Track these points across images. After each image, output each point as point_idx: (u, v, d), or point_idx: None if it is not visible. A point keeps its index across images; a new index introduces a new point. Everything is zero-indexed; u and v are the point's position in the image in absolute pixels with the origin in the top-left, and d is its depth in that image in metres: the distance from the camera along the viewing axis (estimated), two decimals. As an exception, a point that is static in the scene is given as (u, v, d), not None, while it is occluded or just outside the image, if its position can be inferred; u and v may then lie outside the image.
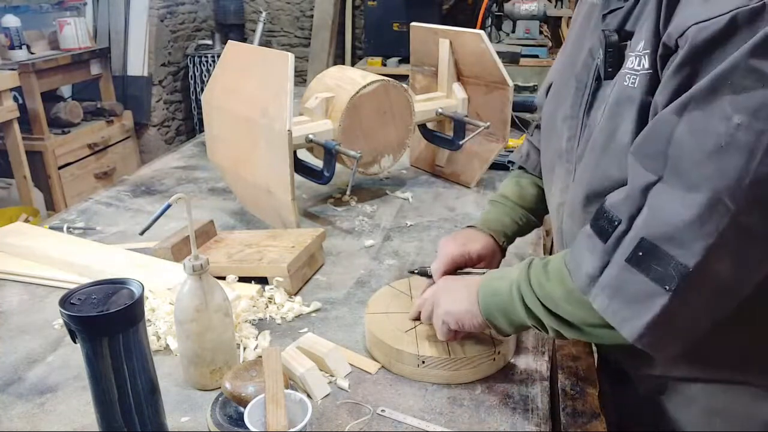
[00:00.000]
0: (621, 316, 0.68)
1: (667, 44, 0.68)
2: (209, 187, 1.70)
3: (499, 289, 0.83)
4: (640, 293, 0.66)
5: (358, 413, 0.84)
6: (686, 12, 0.66)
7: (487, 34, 1.58)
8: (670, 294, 0.64)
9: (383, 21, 4.06)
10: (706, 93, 0.62)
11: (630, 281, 0.66)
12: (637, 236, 0.66)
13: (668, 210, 0.64)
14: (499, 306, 0.83)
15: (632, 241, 0.66)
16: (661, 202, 0.65)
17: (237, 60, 1.41)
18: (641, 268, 0.65)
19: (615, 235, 0.68)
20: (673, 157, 0.64)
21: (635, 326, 0.67)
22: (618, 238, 0.68)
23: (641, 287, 0.66)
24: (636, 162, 0.68)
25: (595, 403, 0.87)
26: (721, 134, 0.61)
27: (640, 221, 0.66)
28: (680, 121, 0.64)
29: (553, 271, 0.77)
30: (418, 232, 1.42)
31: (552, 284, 0.76)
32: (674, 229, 0.63)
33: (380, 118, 1.53)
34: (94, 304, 0.69)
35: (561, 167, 0.91)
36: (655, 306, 0.65)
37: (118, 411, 0.71)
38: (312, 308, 1.09)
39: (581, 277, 0.72)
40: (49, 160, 3.22)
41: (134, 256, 1.20)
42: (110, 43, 3.95)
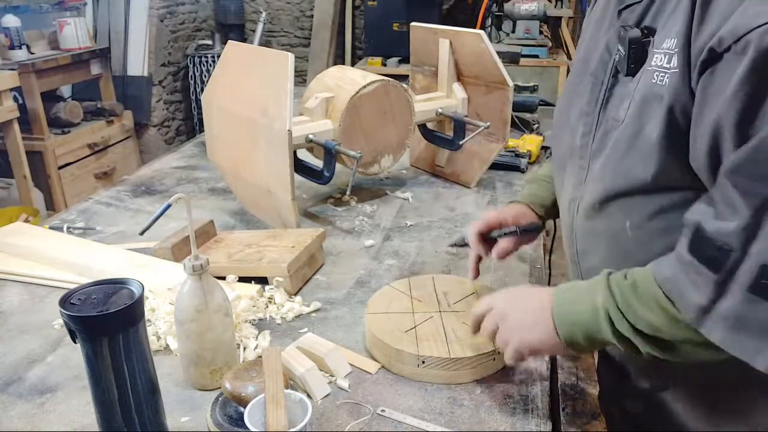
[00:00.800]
0: (751, 348, 0.65)
1: (715, 49, 0.65)
2: (209, 187, 1.70)
3: (580, 314, 0.77)
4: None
5: (358, 413, 0.84)
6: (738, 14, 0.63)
7: (487, 34, 1.58)
8: None
9: (383, 21, 4.06)
10: None
11: (757, 311, 0.63)
12: (757, 264, 0.62)
13: None
14: (584, 332, 0.77)
15: (752, 270, 0.63)
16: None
17: (237, 60, 1.41)
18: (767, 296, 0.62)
19: (729, 264, 0.64)
20: None
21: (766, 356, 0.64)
22: (733, 267, 0.64)
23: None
24: (737, 185, 0.64)
25: (595, 403, 0.87)
26: None
27: (758, 248, 0.62)
28: None
29: (647, 297, 0.72)
30: (418, 232, 1.42)
31: (648, 311, 0.72)
32: None
33: (380, 118, 1.53)
34: (94, 304, 0.69)
35: (574, 164, 0.90)
36: None
37: (118, 411, 0.71)
38: (312, 308, 1.09)
39: (689, 309, 0.68)
40: (49, 160, 3.22)
41: (134, 256, 1.20)
42: (110, 43, 3.95)
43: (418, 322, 0.98)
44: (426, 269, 1.24)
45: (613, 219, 0.83)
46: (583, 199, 0.88)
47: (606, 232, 0.86)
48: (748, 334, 0.64)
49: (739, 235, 0.63)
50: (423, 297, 1.05)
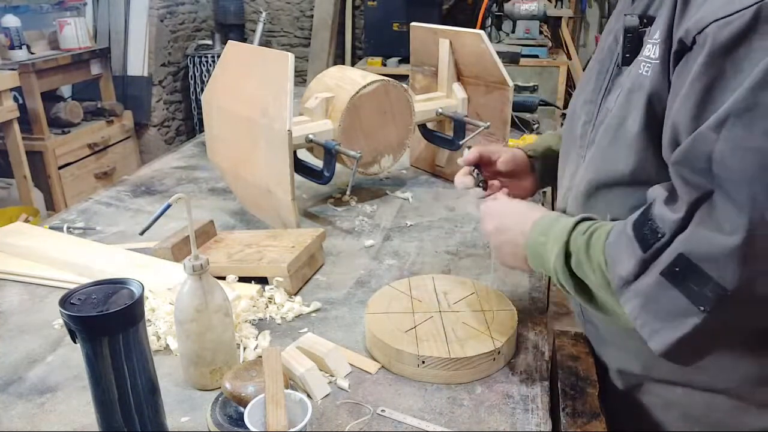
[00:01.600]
0: (651, 328, 0.68)
1: (684, 40, 0.65)
2: (209, 187, 1.70)
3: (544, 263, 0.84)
4: (673, 309, 0.65)
5: (358, 413, 0.84)
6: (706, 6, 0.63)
7: (487, 34, 1.58)
8: (704, 315, 0.63)
9: (383, 21, 4.06)
10: (745, 107, 0.59)
11: (664, 295, 0.66)
12: (675, 251, 0.64)
13: (710, 229, 0.61)
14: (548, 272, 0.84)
15: (670, 256, 0.65)
16: (706, 220, 0.62)
17: (237, 60, 1.41)
18: (676, 284, 0.64)
19: (656, 246, 0.67)
20: (717, 175, 0.61)
21: (664, 340, 0.67)
22: (658, 250, 0.66)
23: (675, 303, 0.65)
24: (679, 176, 0.66)
25: (595, 403, 0.87)
26: (764, 151, 0.58)
27: (683, 237, 0.64)
28: (719, 138, 0.60)
29: (595, 257, 0.76)
30: (418, 232, 1.42)
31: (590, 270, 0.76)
32: (717, 251, 0.61)
33: (380, 118, 1.53)
34: (94, 304, 0.69)
35: (574, 152, 0.91)
36: (686, 325, 0.64)
37: (118, 411, 0.71)
38: (312, 308, 1.09)
39: (615, 278, 0.72)
40: (49, 160, 3.22)
41: (134, 256, 1.20)
42: (110, 43, 3.95)
43: (418, 322, 0.98)
44: (426, 269, 1.24)
45: (597, 210, 0.85)
46: (574, 189, 0.90)
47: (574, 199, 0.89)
48: (652, 314, 0.67)
49: (674, 225, 0.65)
50: (423, 297, 1.05)
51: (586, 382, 0.91)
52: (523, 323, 1.04)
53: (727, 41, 0.60)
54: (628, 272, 0.69)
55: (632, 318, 0.70)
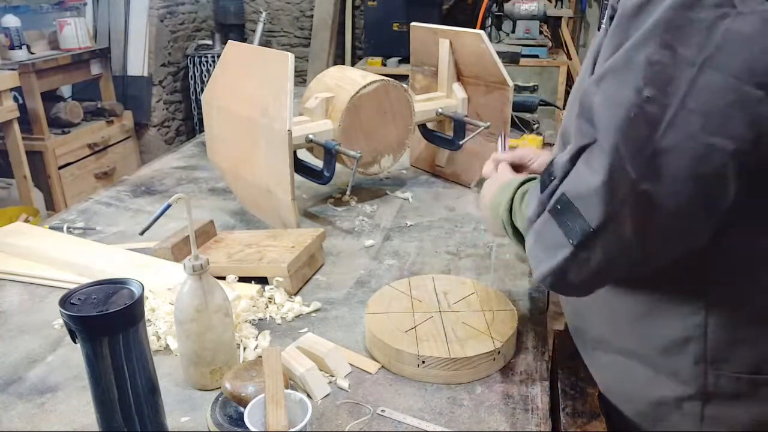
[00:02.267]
0: (536, 259, 0.76)
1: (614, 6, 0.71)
2: (209, 187, 1.70)
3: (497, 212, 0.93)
4: (552, 242, 0.73)
5: (358, 413, 0.84)
6: None
7: (487, 34, 1.58)
8: (572, 248, 0.70)
9: (383, 21, 4.06)
10: (622, 64, 0.65)
11: (548, 230, 0.73)
12: (560, 191, 0.72)
13: (584, 172, 0.68)
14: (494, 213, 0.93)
15: (556, 196, 0.72)
16: (582, 165, 0.69)
17: (237, 60, 1.41)
18: (557, 220, 0.72)
19: (549, 188, 0.74)
20: (596, 124, 0.67)
21: (542, 270, 0.74)
22: (551, 191, 0.74)
23: (554, 237, 0.72)
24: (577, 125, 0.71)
25: (595, 403, 0.87)
26: (631, 105, 0.63)
27: (567, 179, 0.71)
28: (598, 90, 0.67)
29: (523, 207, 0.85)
30: (418, 232, 1.42)
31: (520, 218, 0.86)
32: (585, 190, 0.68)
33: (380, 118, 1.53)
34: (94, 304, 0.69)
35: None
36: (559, 256, 0.72)
37: (118, 411, 0.71)
38: (312, 308, 1.09)
39: (525, 219, 0.80)
40: (49, 160, 3.22)
41: (134, 256, 1.20)
42: (110, 43, 3.95)
43: (418, 322, 0.98)
44: (426, 269, 1.24)
45: None
46: None
47: None
48: (540, 247, 0.75)
49: (563, 167, 0.72)
50: (423, 297, 1.06)
51: (586, 382, 0.91)
52: (523, 323, 1.04)
53: (632, 9, 0.65)
54: (531, 213, 0.77)
55: (527, 252, 0.78)
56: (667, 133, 0.62)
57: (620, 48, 0.66)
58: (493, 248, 1.33)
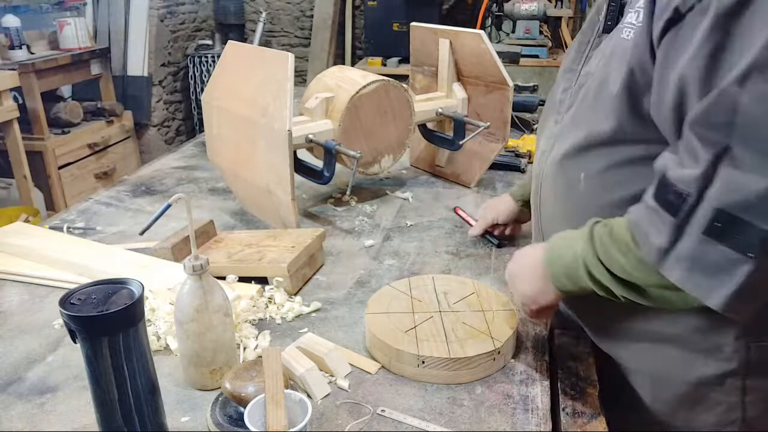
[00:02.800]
0: (705, 287, 0.69)
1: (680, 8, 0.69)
2: (209, 187, 1.70)
3: (565, 261, 0.83)
4: (723, 263, 0.67)
5: (358, 413, 0.84)
6: None
7: (487, 34, 1.58)
8: (754, 260, 0.65)
9: (383, 21, 4.06)
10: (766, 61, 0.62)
11: (710, 252, 0.67)
12: (711, 208, 0.66)
13: (743, 179, 0.64)
14: (569, 278, 0.83)
15: (707, 213, 0.67)
16: (733, 172, 0.65)
17: (237, 60, 1.41)
18: (721, 239, 0.66)
19: (685, 208, 0.68)
20: (741, 126, 0.64)
21: (722, 295, 0.68)
22: (689, 211, 0.68)
23: (723, 257, 0.67)
24: (697, 135, 0.68)
25: (595, 403, 0.87)
26: None
27: (713, 193, 0.66)
28: (743, 90, 0.63)
29: (620, 241, 0.77)
30: (418, 232, 1.42)
31: (620, 254, 0.77)
32: (753, 197, 0.64)
33: (380, 118, 1.53)
34: (94, 304, 0.69)
35: (552, 117, 0.96)
36: (740, 274, 0.66)
37: (118, 411, 0.71)
38: (312, 308, 1.09)
39: (652, 251, 0.72)
40: (49, 160, 3.22)
41: (134, 256, 1.20)
42: (110, 43, 3.95)
43: (418, 322, 0.98)
44: (426, 269, 1.24)
45: (572, 170, 0.89)
46: (553, 151, 0.93)
47: (564, 183, 0.92)
48: (703, 273, 0.69)
49: (697, 181, 0.67)
50: (423, 297, 1.05)
51: (586, 382, 0.91)
52: (523, 323, 1.04)
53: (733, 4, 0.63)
54: (663, 241, 0.70)
55: (681, 284, 0.71)
56: None
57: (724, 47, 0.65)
58: (493, 248, 1.33)
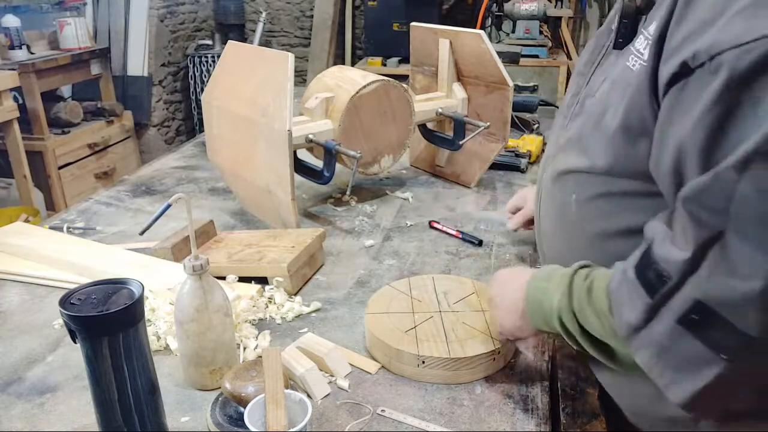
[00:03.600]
0: (668, 379, 0.64)
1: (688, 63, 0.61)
2: (209, 187, 1.70)
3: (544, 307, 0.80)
4: (692, 359, 0.61)
5: (358, 413, 0.84)
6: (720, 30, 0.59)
7: (487, 34, 1.58)
8: (725, 363, 0.59)
9: (383, 21, 4.06)
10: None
11: (681, 344, 0.62)
12: (690, 297, 0.60)
13: (731, 274, 0.57)
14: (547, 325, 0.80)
15: (685, 302, 0.61)
16: (722, 264, 0.58)
17: (237, 60, 1.41)
18: (694, 332, 0.60)
19: (663, 292, 0.63)
20: (736, 215, 0.57)
21: (684, 391, 0.63)
22: (667, 295, 0.63)
23: (693, 352, 0.61)
24: (690, 214, 0.61)
25: (595, 403, 0.87)
26: None
27: (696, 281, 0.60)
28: (742, 177, 0.56)
29: (597, 305, 0.73)
30: (418, 232, 1.42)
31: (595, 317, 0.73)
32: (738, 296, 0.57)
33: (380, 118, 1.53)
34: (94, 304, 0.69)
35: (560, 120, 0.92)
36: (707, 374, 0.61)
37: (118, 411, 0.71)
38: (312, 308, 1.09)
39: (622, 325, 0.68)
40: (49, 160, 3.22)
41: (134, 256, 1.20)
42: (110, 43, 3.95)
43: (418, 322, 0.98)
44: (426, 269, 1.24)
45: (566, 190, 0.85)
46: (554, 161, 0.89)
47: (559, 201, 0.88)
48: (669, 363, 0.64)
49: (681, 266, 0.61)
50: (423, 297, 1.05)
51: (586, 382, 0.91)
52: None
53: (746, 70, 0.56)
54: (636, 319, 0.66)
55: (646, 368, 0.66)
56: None
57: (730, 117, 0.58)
58: (493, 248, 1.33)
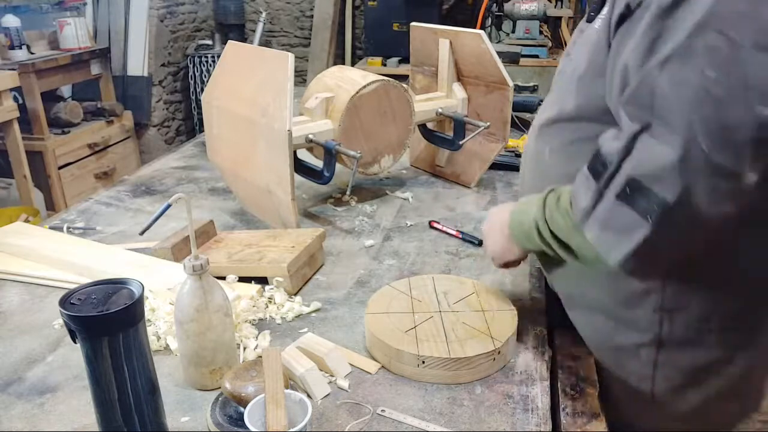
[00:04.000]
0: (609, 245, 0.78)
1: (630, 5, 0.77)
2: (209, 187, 1.70)
3: (524, 227, 0.93)
4: (627, 224, 0.75)
5: (358, 413, 0.84)
6: None
7: (487, 34, 1.58)
8: (650, 225, 0.73)
9: (383, 21, 4.06)
10: (683, 51, 0.70)
11: (618, 215, 0.76)
12: (625, 175, 0.74)
13: (653, 153, 0.72)
14: (528, 239, 0.93)
15: (621, 180, 0.75)
16: (647, 146, 0.73)
17: (237, 60, 1.41)
18: (628, 203, 0.74)
19: (606, 176, 0.77)
20: (657, 107, 0.72)
21: (621, 252, 0.76)
22: (609, 178, 0.77)
23: (627, 219, 0.75)
24: (627, 113, 0.76)
25: (595, 403, 0.87)
26: (697, 86, 0.69)
27: (629, 162, 0.74)
28: (661, 74, 0.71)
29: (563, 207, 0.86)
30: (418, 232, 1.42)
31: (561, 217, 0.86)
32: (658, 168, 0.71)
33: (380, 118, 1.53)
34: (94, 304, 0.69)
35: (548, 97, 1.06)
36: (638, 236, 0.74)
37: (118, 411, 0.71)
38: (312, 308, 1.09)
39: (578, 212, 0.81)
40: (49, 160, 3.22)
41: (134, 256, 1.20)
42: (110, 43, 3.95)
43: (418, 322, 0.98)
44: (426, 269, 1.24)
45: (541, 143, 0.99)
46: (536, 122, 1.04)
47: (535, 154, 1.02)
48: (611, 232, 0.77)
49: (619, 153, 0.76)
50: (423, 297, 1.06)
51: (586, 382, 0.91)
52: (523, 323, 1.04)
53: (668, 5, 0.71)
54: (587, 204, 0.80)
55: (594, 242, 0.79)
56: (732, 109, 0.68)
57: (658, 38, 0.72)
58: (493, 248, 1.33)
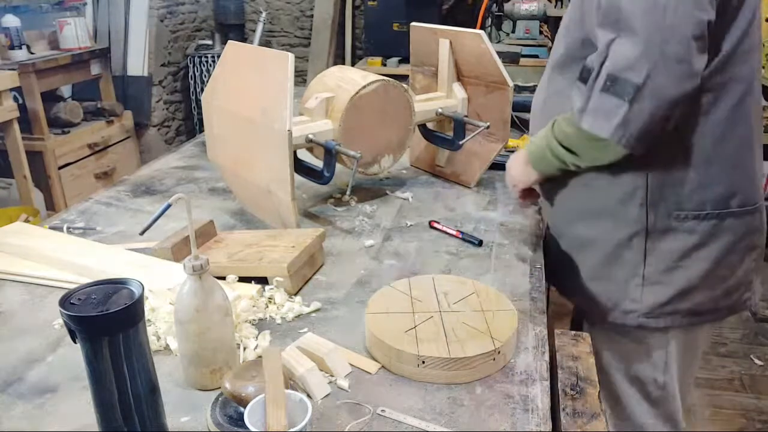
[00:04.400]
0: (600, 126, 1.03)
1: None
2: (209, 187, 1.70)
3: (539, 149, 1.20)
4: (610, 108, 1.00)
5: (358, 413, 0.84)
6: None
7: (487, 34, 1.58)
8: (628, 103, 0.98)
9: (383, 21, 4.06)
10: None
11: (603, 103, 1.01)
12: (605, 74, 1.00)
13: (623, 52, 0.98)
14: (543, 160, 1.20)
15: (603, 78, 1.00)
16: (618, 49, 0.99)
17: (237, 60, 1.41)
18: (611, 92, 1.00)
19: (591, 79, 1.03)
20: (622, 20, 0.98)
21: (611, 125, 1.01)
22: (594, 79, 1.03)
23: (611, 104, 1.00)
24: (600, 30, 1.02)
25: (595, 403, 0.87)
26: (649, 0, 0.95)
27: (607, 64, 1.00)
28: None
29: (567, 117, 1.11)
30: (418, 232, 1.42)
31: (567, 126, 1.11)
32: (628, 60, 0.97)
33: (380, 118, 1.53)
34: (94, 304, 0.69)
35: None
36: (620, 112, 0.99)
37: (118, 411, 0.71)
38: (312, 308, 1.09)
39: (577, 114, 1.06)
40: (49, 160, 3.22)
41: (134, 256, 1.20)
42: (110, 43, 3.95)
43: (418, 322, 0.98)
44: (426, 269, 1.24)
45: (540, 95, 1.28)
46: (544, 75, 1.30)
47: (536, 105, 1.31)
48: (601, 117, 1.02)
49: (599, 59, 1.02)
50: (423, 297, 1.06)
51: (586, 382, 0.91)
52: (523, 323, 1.04)
53: None
54: (581, 104, 1.05)
55: (590, 129, 1.04)
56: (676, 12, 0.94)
57: None
58: (493, 248, 1.33)
